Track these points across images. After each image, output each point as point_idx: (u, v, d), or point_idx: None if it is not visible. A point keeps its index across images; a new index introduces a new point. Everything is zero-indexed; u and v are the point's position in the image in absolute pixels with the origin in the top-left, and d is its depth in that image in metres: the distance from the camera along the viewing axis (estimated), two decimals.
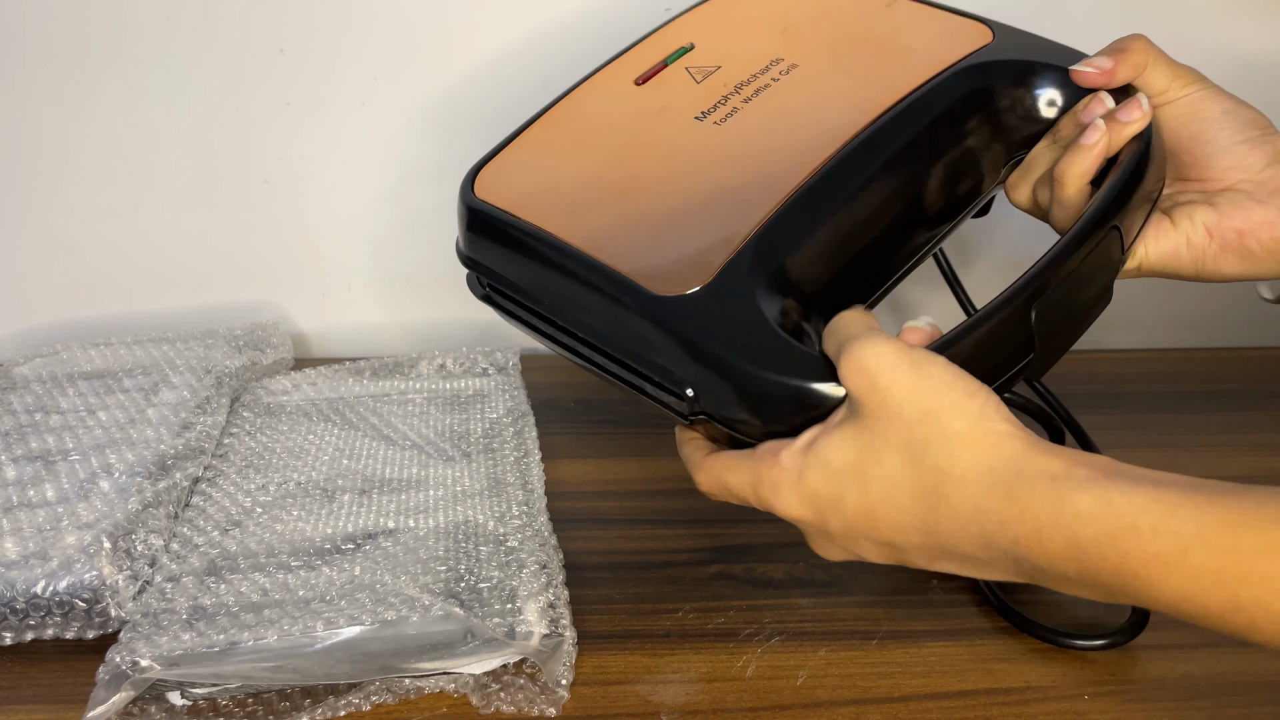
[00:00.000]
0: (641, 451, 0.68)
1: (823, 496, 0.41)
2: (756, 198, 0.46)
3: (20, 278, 0.81)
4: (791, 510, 0.42)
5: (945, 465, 0.38)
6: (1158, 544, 0.34)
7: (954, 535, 0.38)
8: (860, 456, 0.40)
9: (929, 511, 0.38)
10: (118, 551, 0.51)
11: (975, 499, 0.37)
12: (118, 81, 0.76)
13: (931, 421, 0.38)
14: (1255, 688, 0.48)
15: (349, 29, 0.76)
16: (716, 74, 0.52)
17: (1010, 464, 0.37)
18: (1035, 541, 0.36)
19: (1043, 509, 0.36)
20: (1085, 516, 0.35)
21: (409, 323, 0.85)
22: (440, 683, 0.47)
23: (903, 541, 0.40)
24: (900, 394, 0.39)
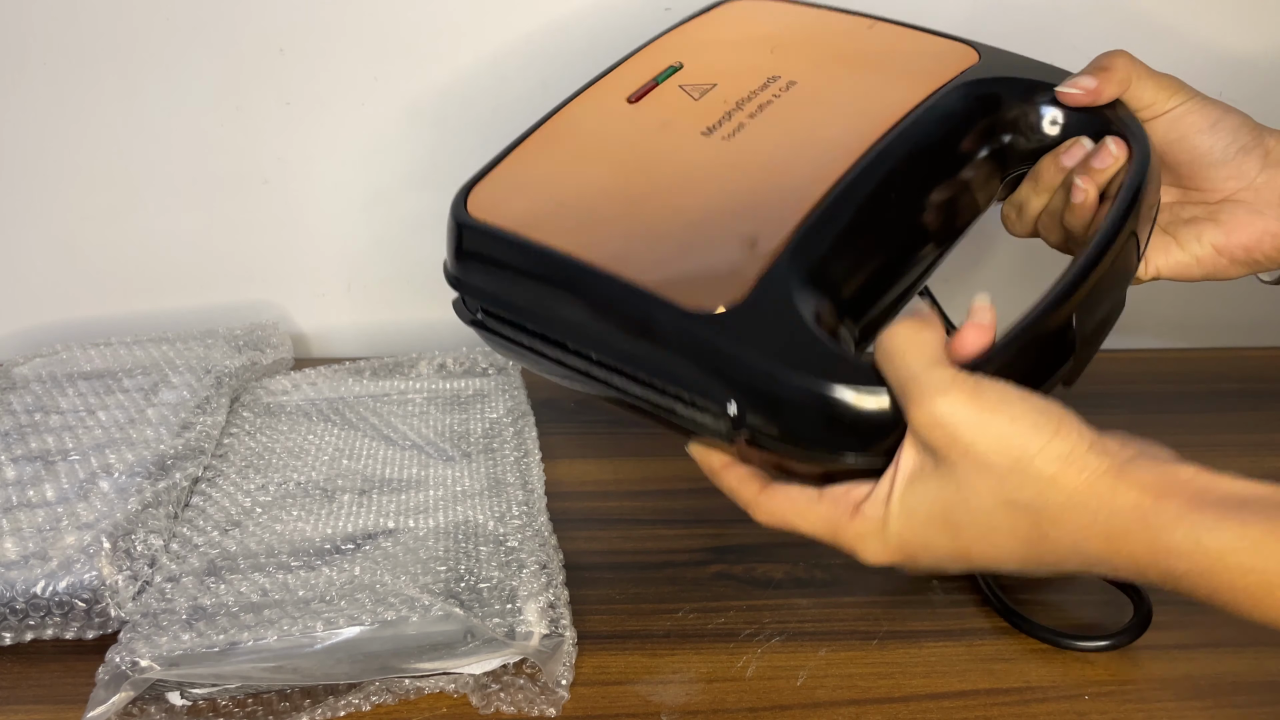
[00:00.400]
0: (641, 451, 0.68)
1: (912, 544, 0.41)
2: (781, 210, 0.45)
3: (20, 278, 0.81)
4: (879, 558, 0.42)
5: (1039, 507, 0.38)
6: (1245, 580, 0.36)
7: (1054, 565, 0.40)
8: (948, 506, 0.40)
9: (1028, 548, 0.40)
10: (118, 551, 0.51)
11: (1073, 537, 0.38)
12: (117, 81, 0.76)
13: (1021, 469, 0.38)
14: (1255, 688, 0.48)
15: (349, 29, 0.76)
16: (714, 91, 0.52)
17: (1103, 504, 0.38)
18: (1133, 571, 0.38)
19: (1137, 547, 0.37)
20: (1177, 553, 0.37)
21: (409, 323, 0.85)
22: (440, 683, 0.47)
23: (998, 568, 0.41)
24: (985, 446, 0.39)
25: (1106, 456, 0.38)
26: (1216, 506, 0.37)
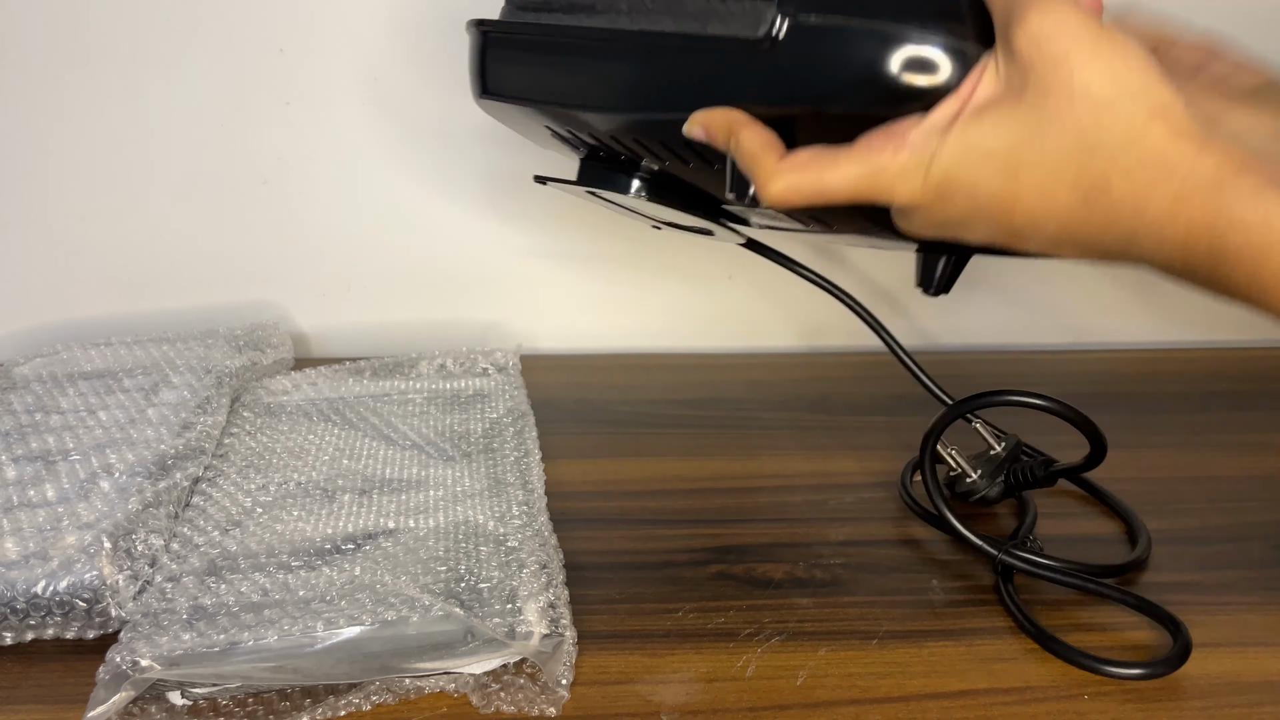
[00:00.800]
0: (641, 451, 0.68)
1: (954, 184, 0.38)
2: None
3: (20, 278, 0.81)
4: (909, 196, 0.38)
5: (1119, 151, 0.36)
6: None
7: (1100, 230, 0.37)
8: (1019, 141, 0.37)
9: (1083, 204, 0.36)
10: (118, 551, 0.51)
11: (1139, 193, 0.36)
12: (118, 81, 0.76)
13: (1118, 107, 0.36)
14: (1255, 688, 0.48)
15: (349, 29, 0.76)
16: None
17: (1183, 162, 0.35)
18: (1181, 242, 0.35)
19: (1200, 214, 0.35)
20: (1240, 226, 0.34)
21: (409, 323, 0.85)
22: (440, 683, 0.47)
23: (1031, 230, 0.38)
24: (1088, 74, 0.36)
25: (1200, 121, 0.36)
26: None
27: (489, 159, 0.79)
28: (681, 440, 0.70)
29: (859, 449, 0.69)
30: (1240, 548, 0.59)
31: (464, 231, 0.82)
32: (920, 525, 0.61)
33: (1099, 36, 0.36)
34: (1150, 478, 0.66)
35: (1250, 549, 0.59)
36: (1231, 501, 0.63)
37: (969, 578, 0.56)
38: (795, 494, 0.64)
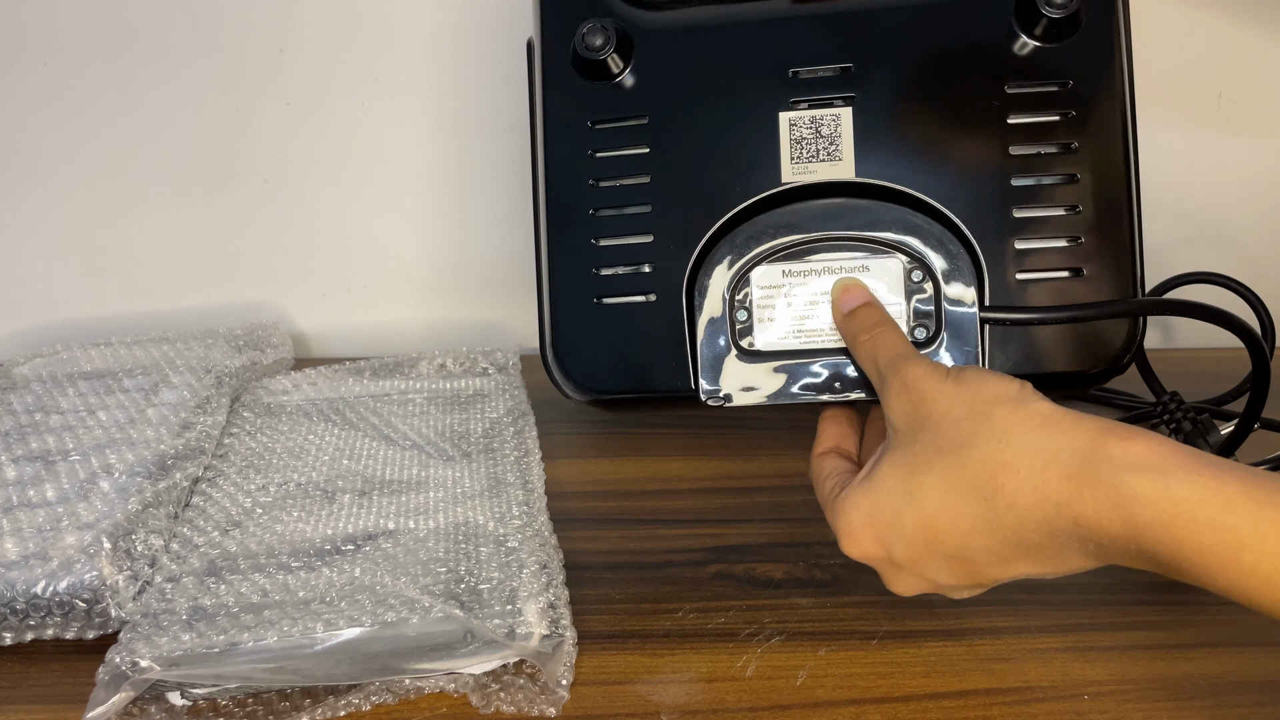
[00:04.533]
0: (641, 451, 0.68)
1: (880, 523, 0.41)
2: None
3: (20, 278, 0.81)
4: (855, 545, 0.43)
5: (996, 455, 0.38)
6: (1214, 537, 0.33)
7: (1017, 526, 0.38)
8: (910, 472, 0.40)
9: (987, 508, 0.38)
10: (118, 552, 0.51)
11: (1032, 482, 0.37)
12: (118, 81, 0.76)
13: (978, 416, 0.39)
14: (1255, 688, 0.48)
15: (349, 29, 0.76)
16: None
17: (1063, 444, 0.37)
18: (1094, 521, 0.36)
19: (1100, 489, 0.36)
20: (1142, 500, 0.35)
21: (409, 323, 0.85)
22: (440, 683, 0.47)
23: (968, 549, 0.40)
24: (945, 399, 0.40)
25: (1066, 411, 0.38)
26: (1188, 458, 0.35)
27: (489, 159, 0.79)
28: (681, 440, 0.70)
29: None
30: None
31: (464, 231, 0.82)
32: None
33: (948, 372, 0.41)
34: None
35: None
36: None
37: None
38: (795, 494, 0.64)
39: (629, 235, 0.52)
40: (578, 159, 0.54)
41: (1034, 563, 0.39)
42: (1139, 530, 0.35)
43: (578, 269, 0.53)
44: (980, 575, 0.41)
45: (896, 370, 0.43)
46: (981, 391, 0.40)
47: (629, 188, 0.53)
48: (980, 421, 0.39)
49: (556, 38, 0.54)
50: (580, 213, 0.53)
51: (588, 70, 0.53)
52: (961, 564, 0.41)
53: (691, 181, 0.52)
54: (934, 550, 0.41)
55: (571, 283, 0.53)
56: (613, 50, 0.52)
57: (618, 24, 0.53)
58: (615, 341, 0.53)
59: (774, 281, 0.51)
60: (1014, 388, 0.40)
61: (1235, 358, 0.54)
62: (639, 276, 0.52)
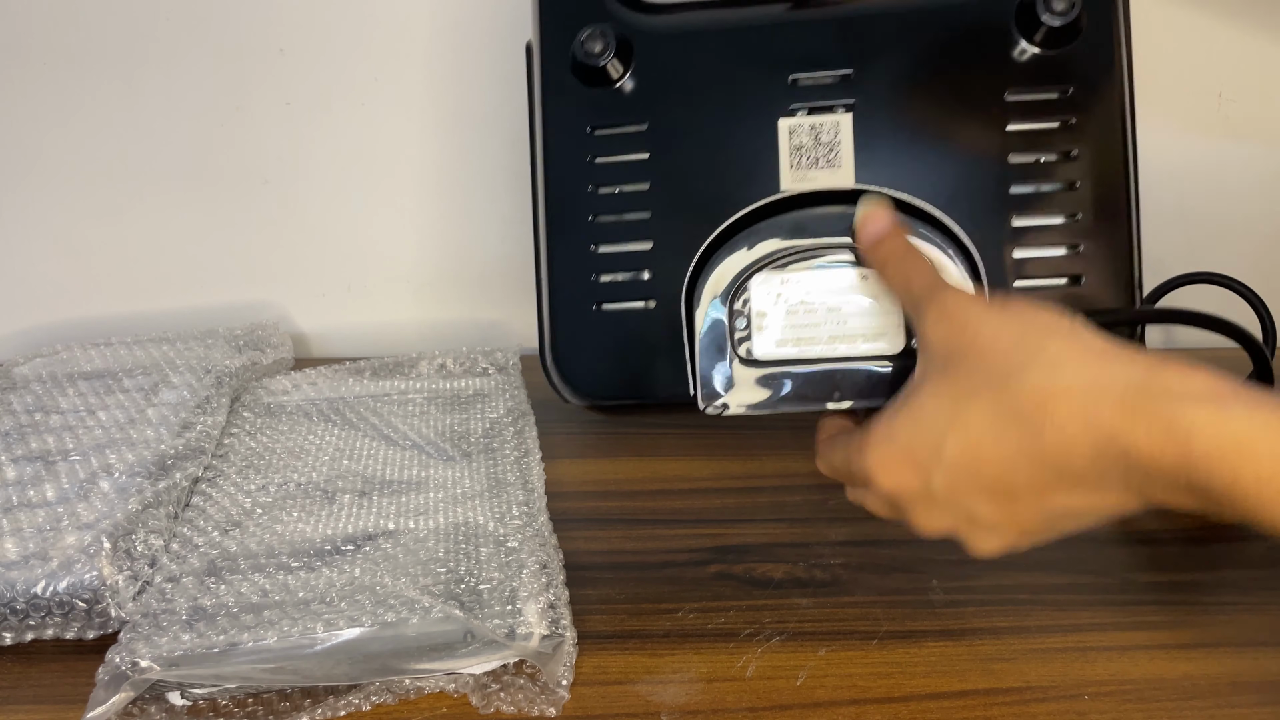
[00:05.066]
0: (641, 451, 0.68)
1: (920, 451, 0.40)
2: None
3: (20, 278, 0.81)
4: (889, 476, 0.41)
5: (1048, 383, 0.37)
6: (1274, 468, 0.33)
7: (1062, 454, 0.37)
8: (955, 400, 0.39)
9: (1035, 435, 0.37)
10: (118, 552, 0.51)
11: (1084, 411, 0.36)
12: (118, 81, 0.76)
13: (1029, 347, 0.38)
14: (1255, 688, 0.48)
15: (349, 29, 0.76)
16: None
17: (1119, 374, 0.36)
18: (1146, 452, 0.35)
19: (1155, 419, 0.35)
20: (1200, 430, 0.34)
21: (409, 323, 0.85)
22: (440, 683, 0.47)
23: (1011, 479, 0.39)
24: (991, 328, 0.39)
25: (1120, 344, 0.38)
26: (1248, 391, 0.34)
27: (489, 158, 0.79)
28: (681, 440, 0.70)
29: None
30: (1240, 548, 0.59)
31: (464, 231, 0.82)
32: None
33: (987, 303, 0.41)
34: None
35: (1250, 549, 0.59)
36: None
37: (969, 578, 0.56)
38: (795, 494, 0.64)
39: (628, 241, 0.53)
40: (577, 165, 0.54)
41: (1071, 494, 0.38)
42: (1193, 461, 0.34)
43: (577, 274, 0.53)
44: (1017, 510, 0.40)
45: (934, 297, 0.42)
46: (1032, 321, 0.39)
47: (628, 195, 0.53)
48: (1032, 351, 0.38)
49: (555, 42, 0.54)
50: (579, 218, 0.53)
51: (587, 76, 0.53)
52: (1000, 495, 0.40)
53: (691, 188, 0.52)
54: (975, 479, 0.40)
55: (571, 288, 0.53)
56: (612, 56, 0.52)
57: (617, 29, 0.53)
58: (614, 347, 0.53)
59: (773, 289, 0.50)
60: (1065, 320, 0.39)
61: (1236, 358, 0.54)
62: (638, 283, 0.52)
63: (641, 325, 0.52)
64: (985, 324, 0.40)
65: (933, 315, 0.42)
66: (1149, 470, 0.35)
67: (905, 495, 0.42)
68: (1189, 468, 0.34)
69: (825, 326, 0.50)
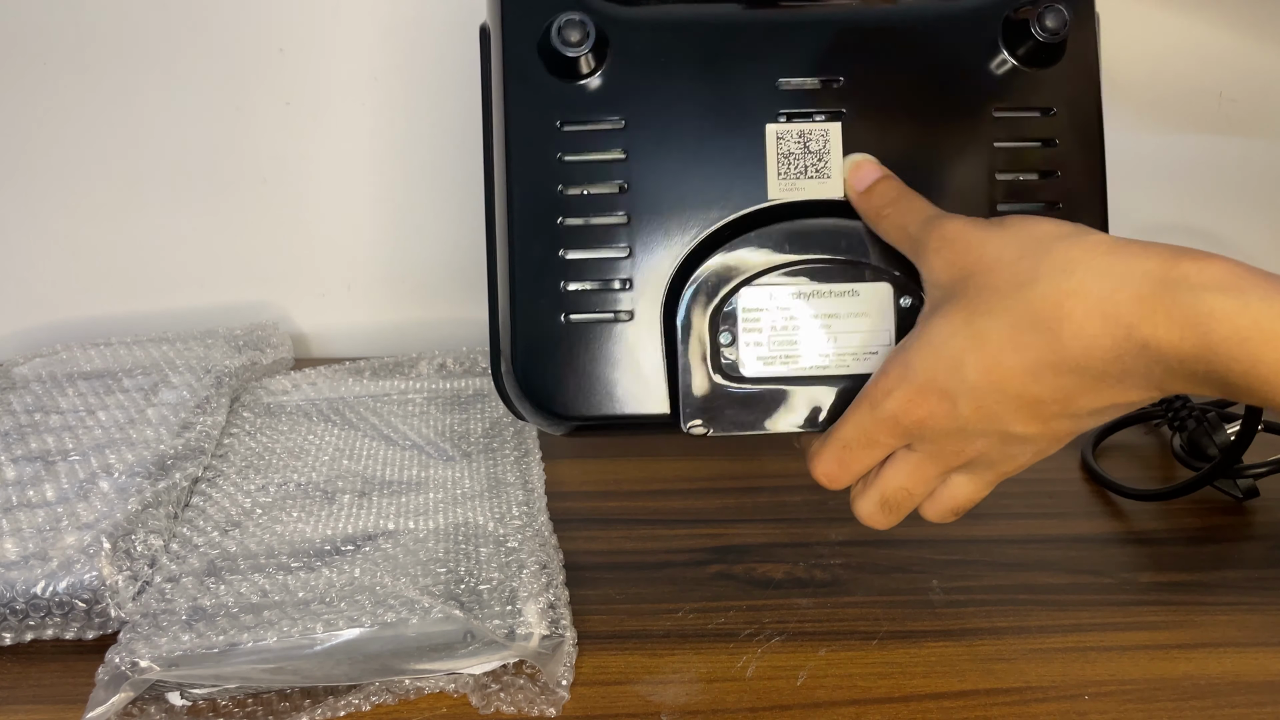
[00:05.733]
0: (641, 451, 0.68)
1: (940, 375, 0.40)
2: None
3: (20, 278, 0.81)
4: (913, 409, 0.41)
5: (1062, 284, 0.37)
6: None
7: (1083, 354, 0.37)
8: (969, 315, 0.39)
9: (1053, 338, 0.37)
10: (117, 552, 0.51)
11: (1101, 307, 0.36)
12: (117, 81, 0.76)
13: (1036, 254, 0.38)
14: (1255, 688, 0.48)
15: (349, 29, 0.76)
16: None
17: (1133, 267, 0.36)
18: (1165, 342, 0.35)
19: (1174, 308, 0.35)
20: (1219, 318, 0.34)
21: (409, 323, 0.85)
22: (440, 683, 0.47)
23: (1038, 388, 0.39)
24: (995, 244, 0.39)
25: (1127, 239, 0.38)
26: (1265, 278, 0.35)
27: None
28: (681, 440, 0.70)
29: None
30: (1240, 548, 0.59)
31: (464, 231, 0.82)
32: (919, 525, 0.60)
33: (983, 222, 0.41)
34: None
35: (1250, 549, 0.59)
36: (1232, 502, 0.63)
37: (969, 578, 0.56)
38: (795, 494, 0.64)
39: (602, 248, 0.49)
40: (544, 162, 0.49)
41: (1097, 393, 0.38)
42: (1213, 348, 0.34)
43: (543, 282, 0.49)
44: (1046, 418, 0.40)
45: (932, 228, 0.42)
46: (1033, 230, 0.39)
47: (601, 197, 0.49)
48: (1040, 257, 0.38)
49: (520, 27, 0.50)
50: (547, 221, 0.49)
51: (558, 67, 0.49)
52: (1028, 404, 0.39)
53: (671, 192, 0.49)
54: (1001, 392, 0.39)
55: (536, 297, 0.49)
56: (589, 49, 0.48)
57: (595, 18, 0.48)
58: (584, 362, 0.49)
59: (760, 304, 0.48)
60: (1066, 225, 0.39)
61: None
62: (612, 292, 0.49)
63: (615, 339, 0.49)
64: (988, 241, 0.40)
65: (933, 245, 0.42)
66: (1169, 362, 0.36)
67: (933, 428, 0.41)
68: (1209, 356, 0.34)
69: (814, 344, 0.48)
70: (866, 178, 0.47)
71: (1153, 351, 0.36)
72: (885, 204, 0.46)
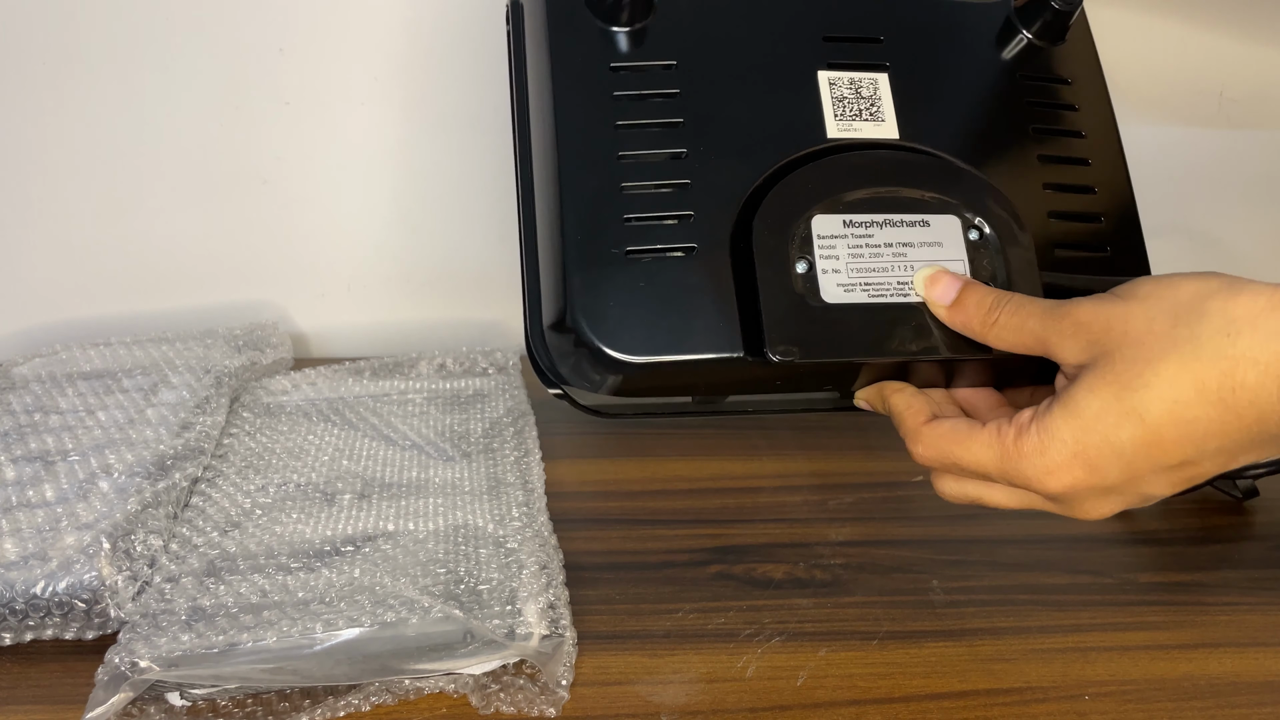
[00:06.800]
0: (641, 451, 0.68)
1: (1092, 448, 0.38)
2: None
3: (20, 278, 0.81)
4: (1059, 478, 0.39)
5: (1227, 350, 0.36)
6: None
7: (1258, 421, 0.36)
8: (1120, 390, 0.38)
9: (1224, 409, 0.36)
10: (117, 552, 0.51)
11: (1275, 372, 0.35)
12: (117, 81, 0.76)
13: (1189, 318, 0.37)
14: (1255, 688, 0.48)
15: (349, 29, 0.76)
16: None
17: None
18: None
19: None
20: None
21: (409, 323, 0.85)
22: (440, 683, 0.47)
23: (1198, 454, 0.38)
24: (1138, 319, 0.38)
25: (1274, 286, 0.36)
26: None
27: (489, 158, 0.79)
28: (681, 440, 0.70)
29: (859, 449, 0.69)
30: (1240, 548, 0.59)
31: (464, 231, 0.82)
32: (919, 525, 0.60)
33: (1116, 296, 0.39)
34: None
35: (1250, 549, 0.59)
36: (1232, 502, 0.63)
37: (969, 578, 0.56)
38: (795, 494, 0.64)
39: (664, 180, 0.47)
40: (596, 100, 0.48)
41: (1262, 452, 0.38)
42: None
43: (601, 219, 0.47)
44: (1198, 476, 0.39)
45: (1060, 318, 0.40)
46: (1178, 294, 0.38)
47: (658, 130, 0.48)
48: (1195, 322, 0.36)
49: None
50: (604, 158, 0.48)
51: (606, 11, 0.49)
52: (1185, 469, 0.39)
53: (731, 128, 0.48)
54: (1158, 464, 0.38)
55: (593, 235, 0.46)
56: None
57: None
58: (650, 301, 0.46)
59: (835, 231, 0.47)
60: (1213, 279, 0.37)
61: None
62: (677, 226, 0.47)
63: (681, 273, 0.46)
64: (1131, 316, 0.38)
65: (1068, 333, 0.40)
66: None
67: (1077, 494, 0.40)
68: None
69: (893, 271, 0.47)
70: (949, 290, 0.45)
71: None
72: (987, 312, 0.44)
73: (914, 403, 0.45)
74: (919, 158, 0.50)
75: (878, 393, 0.48)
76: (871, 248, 0.47)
